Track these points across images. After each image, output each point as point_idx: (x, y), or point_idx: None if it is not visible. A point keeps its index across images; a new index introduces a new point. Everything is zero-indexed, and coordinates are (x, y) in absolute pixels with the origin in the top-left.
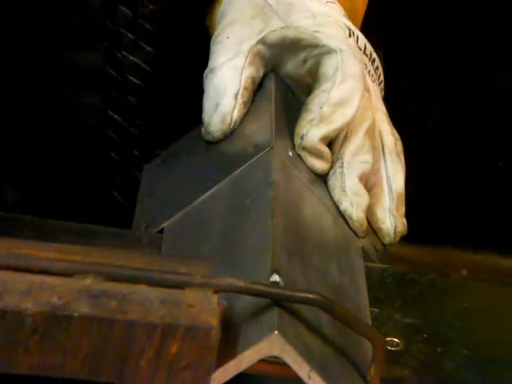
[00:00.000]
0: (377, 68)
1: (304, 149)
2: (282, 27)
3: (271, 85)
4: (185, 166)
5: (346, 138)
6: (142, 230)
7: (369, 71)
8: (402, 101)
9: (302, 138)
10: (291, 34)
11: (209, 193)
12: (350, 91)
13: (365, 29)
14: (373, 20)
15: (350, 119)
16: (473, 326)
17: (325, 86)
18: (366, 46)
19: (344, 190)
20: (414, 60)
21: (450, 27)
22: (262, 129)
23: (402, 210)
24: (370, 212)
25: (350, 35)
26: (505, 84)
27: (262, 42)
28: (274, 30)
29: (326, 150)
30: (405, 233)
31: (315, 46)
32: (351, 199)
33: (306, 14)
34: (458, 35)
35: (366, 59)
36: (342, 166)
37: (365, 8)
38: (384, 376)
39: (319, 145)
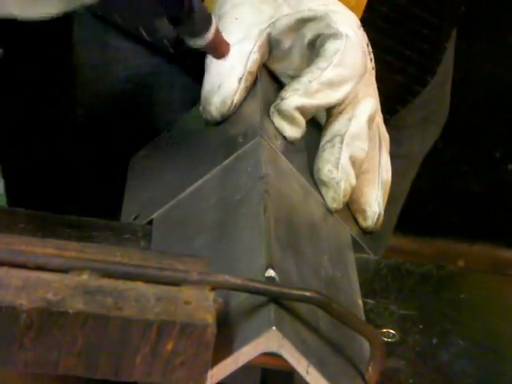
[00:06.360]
0: (373, 69)
1: (278, 110)
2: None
3: (259, 74)
4: (171, 156)
5: (349, 119)
6: (131, 221)
7: (373, 68)
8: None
9: (281, 100)
10: (305, 14)
11: (197, 184)
12: (342, 77)
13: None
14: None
15: (335, 102)
16: (469, 317)
17: (321, 64)
18: (368, 45)
19: (337, 164)
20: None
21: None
22: (250, 117)
23: (385, 202)
24: (359, 192)
25: (359, 28)
26: (500, 74)
27: (272, 26)
28: (287, 14)
29: (300, 118)
30: (380, 226)
31: (327, 24)
32: (341, 174)
33: (319, 2)
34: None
35: (369, 57)
36: (341, 142)
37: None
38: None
39: (294, 111)
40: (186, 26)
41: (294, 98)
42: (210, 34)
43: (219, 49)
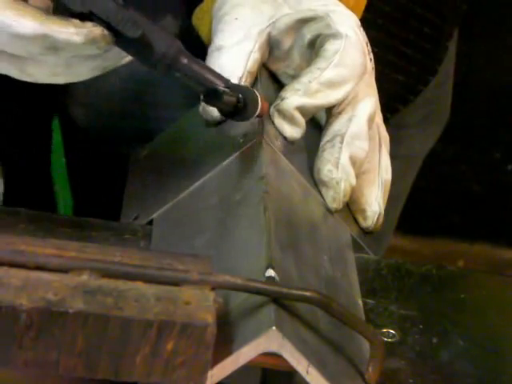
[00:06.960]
0: (372, 69)
1: (278, 110)
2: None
3: (259, 74)
4: (171, 156)
5: (349, 119)
6: (131, 221)
7: (373, 68)
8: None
9: (281, 100)
10: (305, 14)
11: (197, 184)
12: (342, 77)
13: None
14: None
15: (335, 102)
16: (469, 317)
17: (321, 64)
18: (368, 45)
19: (337, 164)
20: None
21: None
22: None
23: (385, 202)
24: (359, 192)
25: (359, 27)
26: (501, 75)
27: (272, 26)
28: (287, 14)
29: (300, 118)
30: (380, 226)
31: (327, 24)
32: (341, 174)
33: (319, 2)
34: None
35: (369, 57)
36: (341, 142)
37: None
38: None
39: (294, 111)
40: (239, 117)
41: (294, 98)
42: (259, 110)
43: (262, 112)
